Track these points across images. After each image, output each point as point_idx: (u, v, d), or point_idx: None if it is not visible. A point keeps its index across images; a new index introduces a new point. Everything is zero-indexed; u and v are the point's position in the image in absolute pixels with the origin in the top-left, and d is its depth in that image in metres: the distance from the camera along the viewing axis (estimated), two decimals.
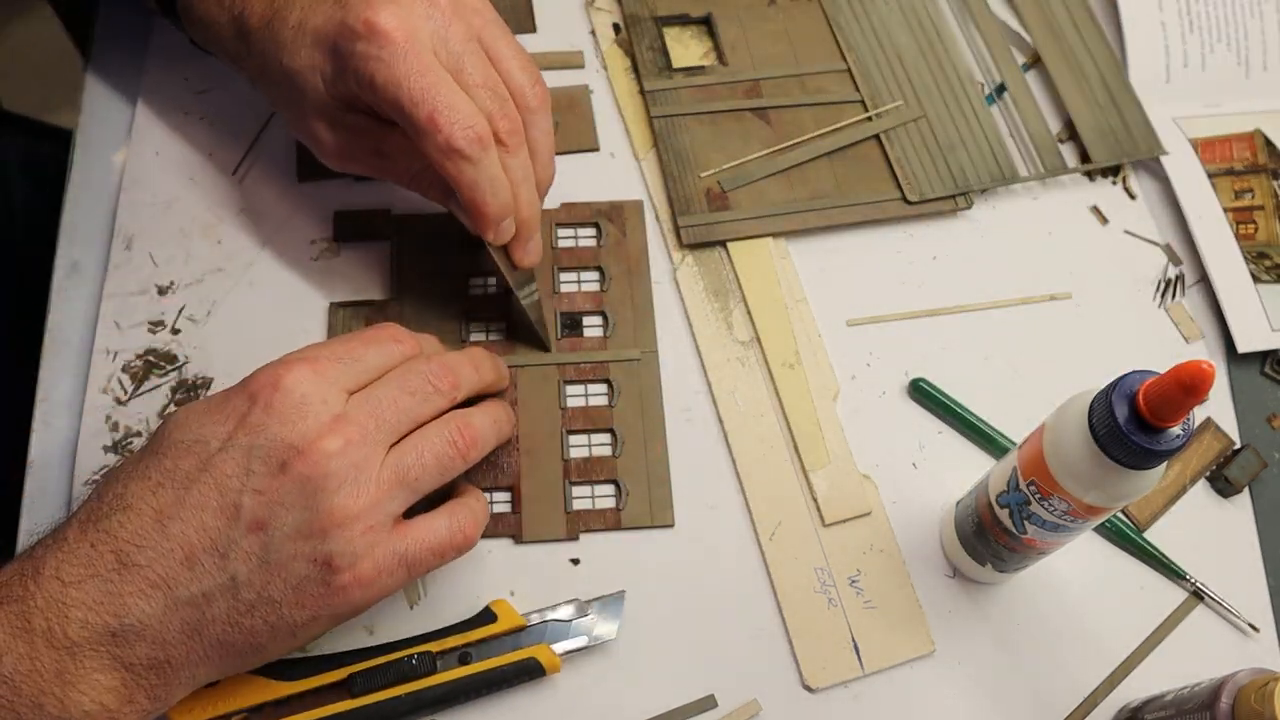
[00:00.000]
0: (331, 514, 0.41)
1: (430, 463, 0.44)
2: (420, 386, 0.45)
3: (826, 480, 0.55)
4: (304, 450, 0.41)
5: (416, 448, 0.44)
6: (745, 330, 0.58)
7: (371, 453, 0.43)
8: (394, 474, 0.43)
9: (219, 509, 0.41)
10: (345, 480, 0.41)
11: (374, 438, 0.43)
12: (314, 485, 0.41)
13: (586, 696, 0.50)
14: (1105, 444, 0.40)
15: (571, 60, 0.66)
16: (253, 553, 0.41)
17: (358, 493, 0.42)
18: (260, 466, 0.41)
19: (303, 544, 0.41)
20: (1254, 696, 0.42)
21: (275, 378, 0.42)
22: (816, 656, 0.51)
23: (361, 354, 0.45)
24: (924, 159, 0.63)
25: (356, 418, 0.43)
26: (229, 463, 0.41)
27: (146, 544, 0.40)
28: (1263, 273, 0.62)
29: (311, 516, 0.41)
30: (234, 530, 0.41)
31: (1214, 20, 0.69)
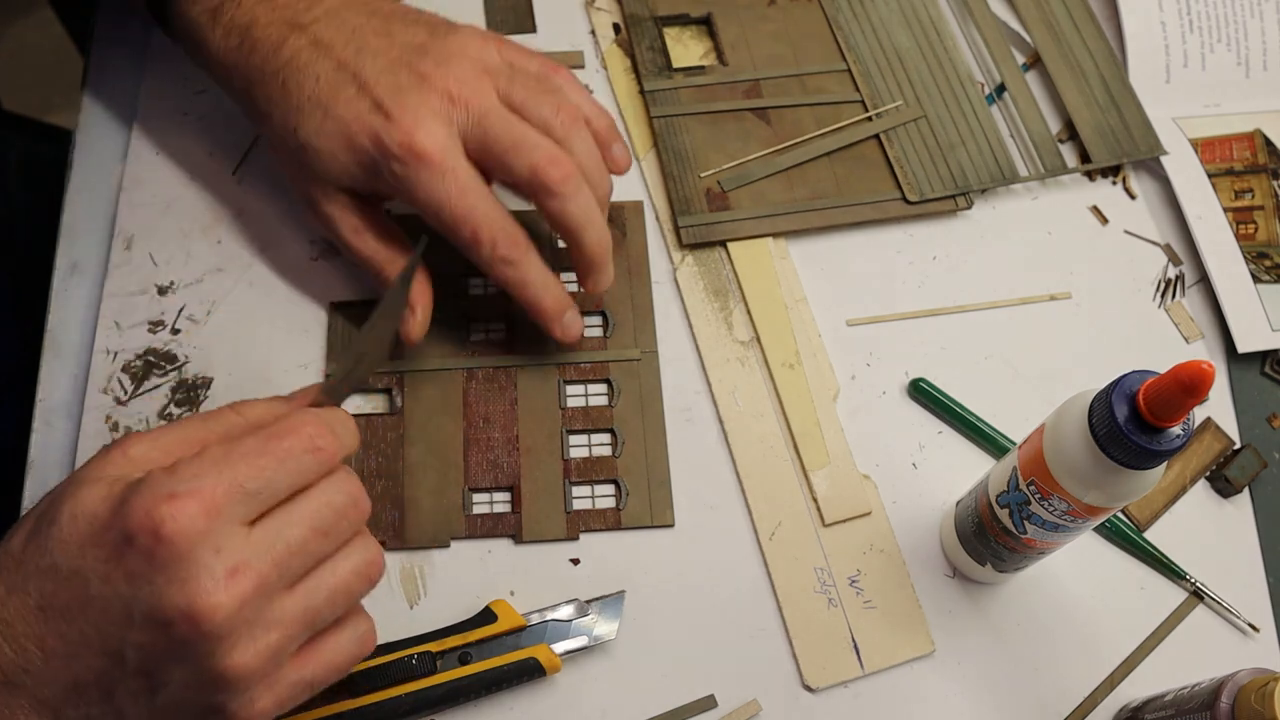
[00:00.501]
0: (224, 674, 0.37)
1: (341, 601, 0.40)
2: (334, 524, 0.40)
3: (826, 480, 0.55)
4: (191, 614, 0.36)
5: (329, 586, 0.40)
6: (745, 330, 0.58)
7: (272, 602, 0.38)
8: (300, 618, 0.39)
9: (101, 652, 0.37)
10: (241, 637, 0.37)
11: (275, 586, 0.38)
12: (205, 648, 0.37)
13: (586, 696, 0.50)
14: (1105, 444, 0.40)
15: (571, 60, 0.66)
16: (140, 693, 0.38)
17: (255, 648, 0.37)
18: (142, 621, 0.36)
19: (194, 694, 0.38)
20: (1254, 696, 0.42)
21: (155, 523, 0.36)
22: (816, 656, 0.51)
23: (271, 477, 0.38)
24: (924, 159, 0.63)
25: (257, 566, 0.37)
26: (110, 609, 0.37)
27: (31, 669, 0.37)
28: (1263, 273, 0.62)
29: (203, 674, 0.37)
30: (118, 672, 0.37)
31: (1214, 20, 0.69)
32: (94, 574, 0.37)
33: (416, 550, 0.52)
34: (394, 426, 0.54)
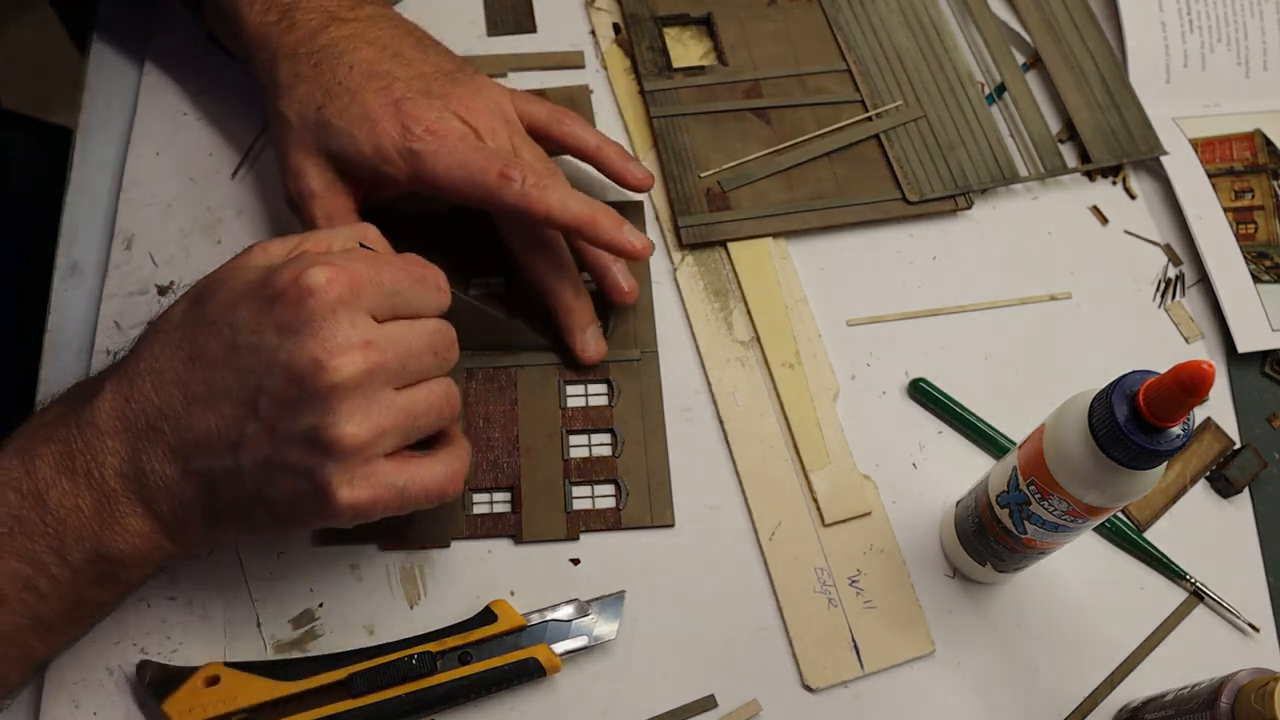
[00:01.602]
0: (339, 438, 0.41)
1: (434, 413, 0.45)
2: (444, 352, 0.45)
3: (826, 480, 0.55)
4: (325, 366, 0.41)
5: (427, 396, 0.44)
6: (745, 330, 0.58)
7: (385, 387, 0.42)
8: (403, 414, 0.43)
9: (238, 401, 0.41)
10: (357, 408, 0.41)
11: (392, 373, 0.43)
12: (327, 405, 0.41)
13: (586, 696, 0.50)
14: (1105, 444, 0.40)
15: (571, 60, 0.66)
16: (260, 450, 0.42)
17: (366, 422, 0.41)
18: (280, 371, 0.41)
19: (306, 456, 0.41)
20: (1254, 696, 0.42)
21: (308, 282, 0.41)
22: (816, 656, 0.51)
23: (407, 289, 0.44)
24: (924, 159, 0.63)
25: (385, 349, 0.42)
26: (253, 357, 0.41)
27: (170, 415, 0.42)
28: (1263, 273, 0.62)
29: (320, 432, 0.41)
30: (248, 425, 0.41)
31: (1214, 20, 0.69)
32: (245, 325, 0.42)
33: (417, 550, 0.52)
34: None
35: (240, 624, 0.50)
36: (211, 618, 0.50)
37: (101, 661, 0.48)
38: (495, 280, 0.58)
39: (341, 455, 0.41)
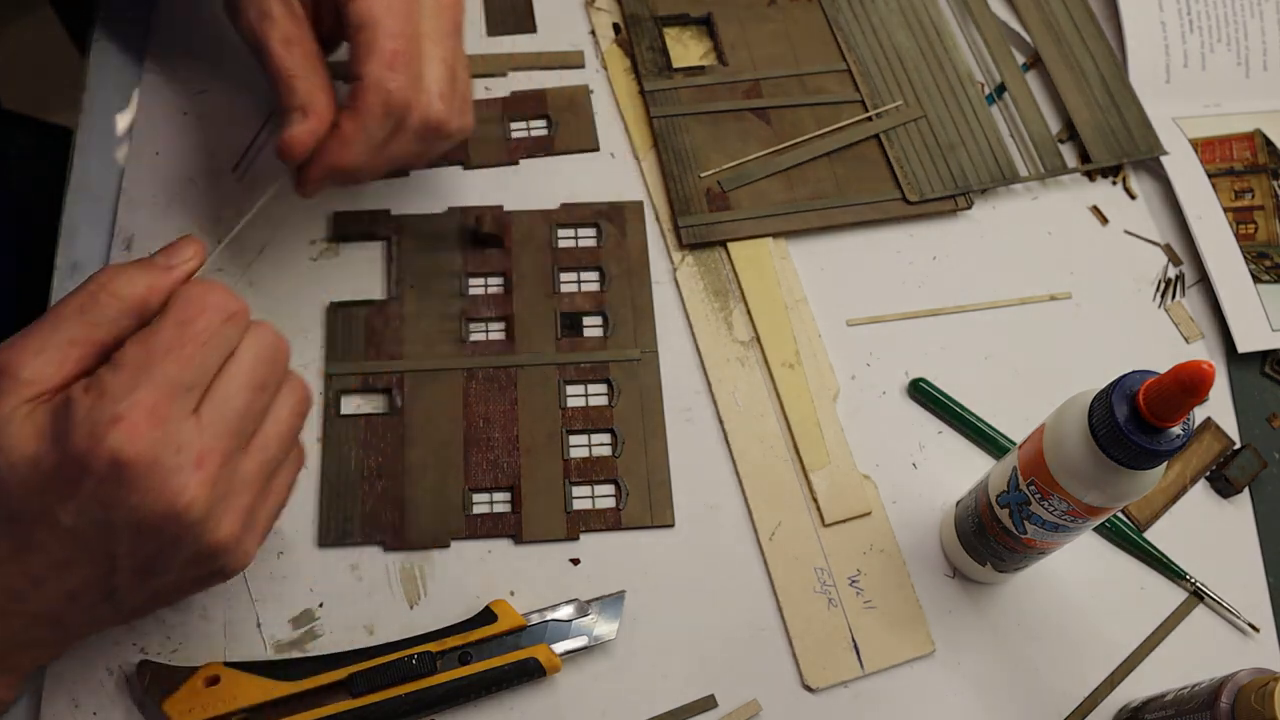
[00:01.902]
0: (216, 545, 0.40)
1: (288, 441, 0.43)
2: (267, 376, 0.41)
3: (826, 480, 0.55)
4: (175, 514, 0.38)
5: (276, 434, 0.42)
6: (745, 330, 0.58)
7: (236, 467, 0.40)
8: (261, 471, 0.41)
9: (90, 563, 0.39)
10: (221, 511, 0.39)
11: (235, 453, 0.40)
12: (194, 534, 0.39)
13: (586, 696, 0.50)
14: (1105, 444, 0.40)
15: (571, 60, 0.66)
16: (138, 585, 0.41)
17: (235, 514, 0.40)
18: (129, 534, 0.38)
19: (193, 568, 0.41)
20: (1254, 696, 0.42)
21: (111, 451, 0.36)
22: (816, 656, 0.51)
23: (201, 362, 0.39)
24: (924, 159, 0.63)
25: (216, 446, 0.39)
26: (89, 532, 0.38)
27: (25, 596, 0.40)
28: (1263, 273, 0.62)
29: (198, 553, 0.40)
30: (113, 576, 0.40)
31: (1214, 20, 0.69)
32: (62, 510, 0.37)
33: (416, 550, 0.52)
34: (394, 426, 0.54)
35: (240, 624, 0.50)
36: (211, 618, 0.50)
37: (101, 661, 0.48)
38: (495, 281, 0.58)
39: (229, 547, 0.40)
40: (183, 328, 0.39)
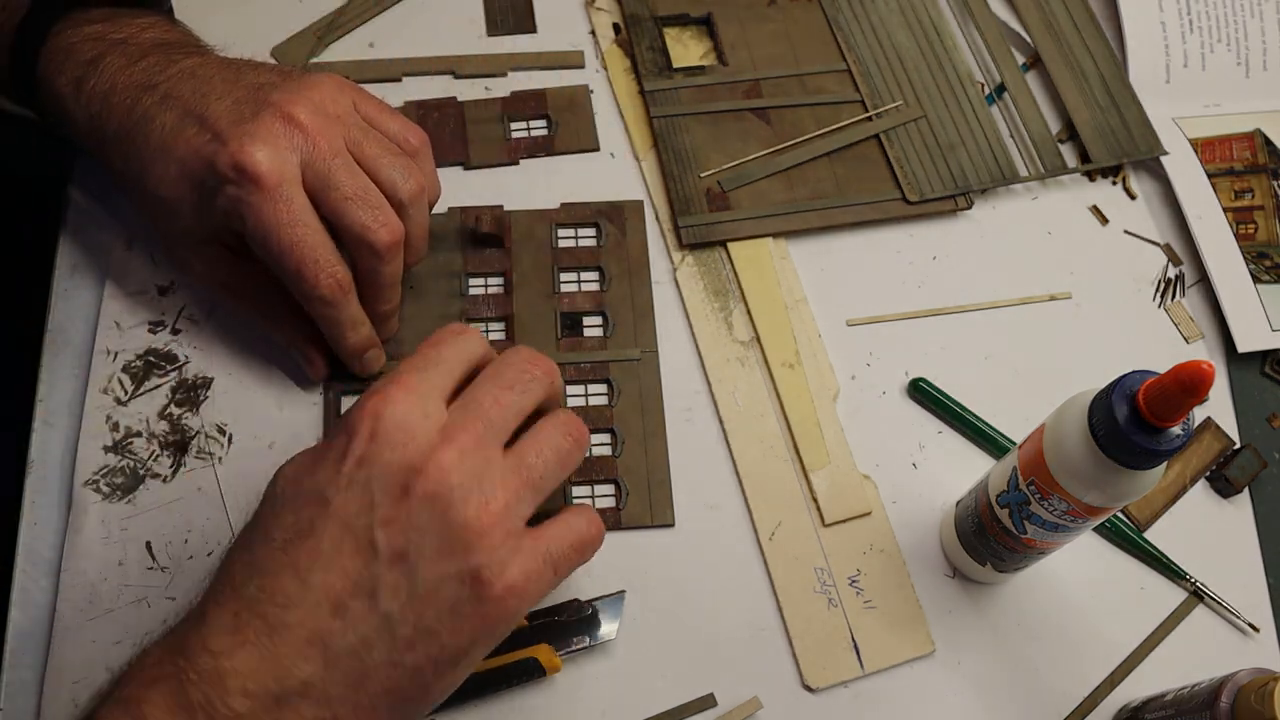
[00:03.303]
0: (467, 526, 0.39)
1: (551, 458, 0.43)
2: (516, 378, 0.43)
3: (826, 480, 0.55)
4: (422, 469, 0.39)
5: (535, 446, 0.43)
6: (745, 330, 0.58)
7: (489, 456, 0.41)
8: (517, 475, 0.42)
9: (355, 549, 0.39)
10: (471, 490, 0.40)
11: (487, 440, 0.41)
12: (442, 501, 0.39)
13: (586, 696, 0.50)
14: (1105, 444, 0.40)
15: (571, 60, 0.66)
16: (400, 585, 0.39)
17: (487, 500, 0.40)
18: (383, 496, 0.39)
19: (447, 564, 0.39)
20: (1254, 696, 0.42)
21: (371, 409, 0.40)
22: (816, 656, 0.51)
23: (437, 356, 0.43)
24: (924, 159, 0.63)
25: (464, 424, 0.41)
26: (351, 501, 0.39)
27: (291, 602, 0.38)
28: (1263, 273, 0.62)
29: (448, 533, 0.39)
30: (375, 566, 0.39)
31: (1214, 20, 0.69)
32: (328, 481, 0.40)
33: None
34: None
35: None
36: None
37: (102, 661, 0.48)
38: (495, 281, 0.58)
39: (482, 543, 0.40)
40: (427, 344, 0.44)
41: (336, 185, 0.48)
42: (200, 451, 0.53)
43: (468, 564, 0.39)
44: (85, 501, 0.51)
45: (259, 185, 0.46)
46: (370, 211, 0.49)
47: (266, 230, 0.47)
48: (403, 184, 0.50)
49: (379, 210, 0.49)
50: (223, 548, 0.51)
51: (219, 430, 0.53)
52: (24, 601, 0.50)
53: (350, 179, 0.49)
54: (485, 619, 0.40)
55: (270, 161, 0.47)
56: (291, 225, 0.47)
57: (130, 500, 0.51)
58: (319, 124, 0.48)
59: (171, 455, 0.53)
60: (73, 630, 0.49)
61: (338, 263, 0.49)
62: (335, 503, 0.39)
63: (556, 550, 0.42)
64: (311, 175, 0.48)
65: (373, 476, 0.39)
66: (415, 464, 0.39)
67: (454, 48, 0.65)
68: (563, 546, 0.42)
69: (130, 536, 0.51)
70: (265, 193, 0.47)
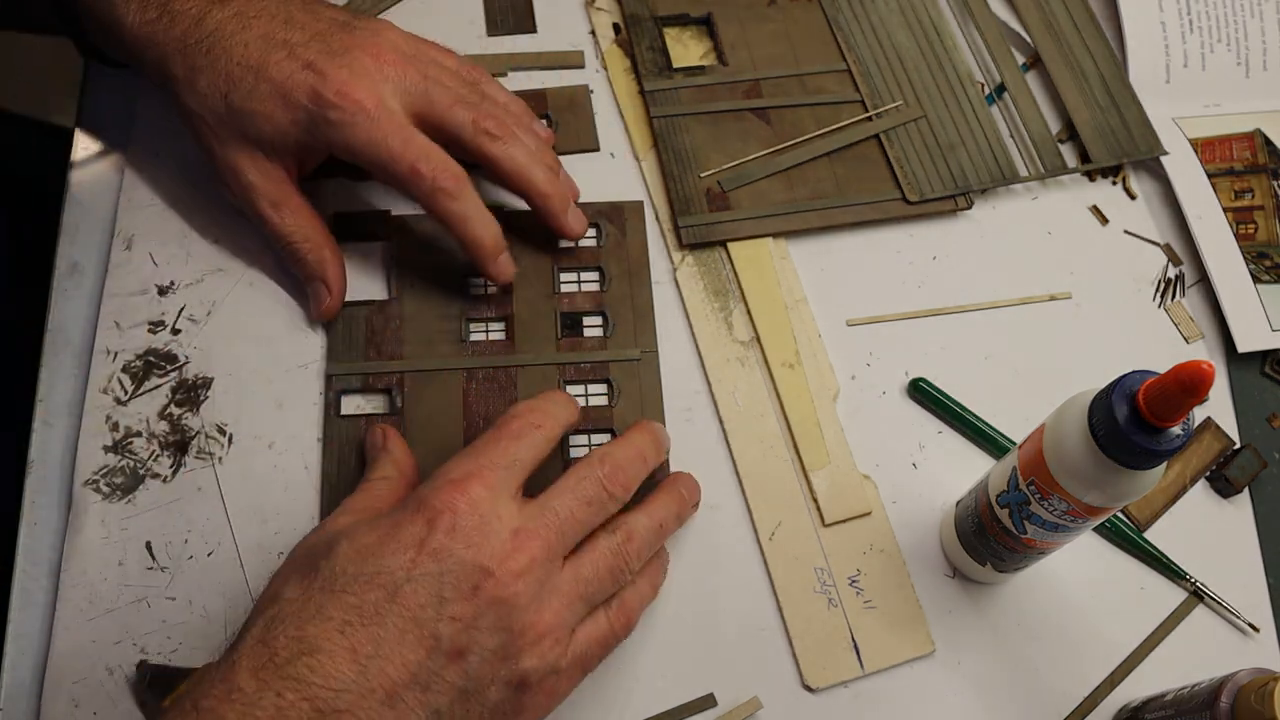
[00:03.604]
0: (524, 633, 0.41)
1: (605, 575, 0.45)
2: (596, 495, 0.45)
3: (826, 480, 0.55)
4: (493, 571, 0.40)
5: (593, 561, 0.44)
6: (745, 330, 0.58)
7: (554, 567, 0.43)
8: (574, 587, 0.43)
9: (417, 641, 0.39)
10: (534, 597, 0.41)
11: (555, 551, 0.43)
12: (508, 605, 0.41)
13: (586, 696, 0.50)
14: (1105, 444, 0.40)
15: (571, 60, 0.66)
16: (454, 683, 0.40)
17: (544, 608, 0.42)
18: (452, 593, 0.40)
19: (499, 667, 0.41)
20: (1254, 696, 0.42)
21: (451, 500, 0.41)
22: (816, 656, 0.51)
23: (514, 452, 0.45)
24: (924, 159, 0.63)
25: (538, 531, 0.42)
26: (420, 592, 0.40)
27: (345, 687, 0.37)
28: (1263, 273, 0.62)
29: (508, 638, 0.41)
30: (434, 661, 0.39)
31: (1214, 20, 0.69)
32: (398, 566, 0.40)
33: None
34: (394, 427, 0.54)
35: (240, 624, 0.49)
36: (211, 618, 0.50)
37: (101, 661, 0.48)
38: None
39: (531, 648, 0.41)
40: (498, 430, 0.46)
41: (436, 99, 0.52)
42: (200, 451, 0.53)
43: (518, 668, 0.41)
44: (85, 501, 0.51)
45: (363, 109, 0.50)
46: (474, 108, 0.53)
47: (376, 142, 0.51)
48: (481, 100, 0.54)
49: (479, 105, 0.53)
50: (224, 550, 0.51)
51: (219, 430, 0.53)
52: (24, 601, 0.50)
53: (444, 91, 0.53)
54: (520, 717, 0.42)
55: (370, 89, 0.51)
56: (398, 132, 0.51)
57: (130, 500, 0.51)
58: (402, 60, 0.52)
59: (171, 455, 0.53)
60: (73, 630, 0.49)
61: (447, 158, 0.52)
62: (404, 591, 0.40)
63: (587, 653, 0.44)
64: (412, 98, 0.52)
65: (445, 571, 0.40)
66: (487, 566, 0.41)
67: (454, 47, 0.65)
68: (593, 647, 0.45)
69: (130, 536, 0.51)
70: (369, 113, 0.50)
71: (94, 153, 0.61)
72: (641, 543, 0.46)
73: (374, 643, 0.38)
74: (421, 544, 0.40)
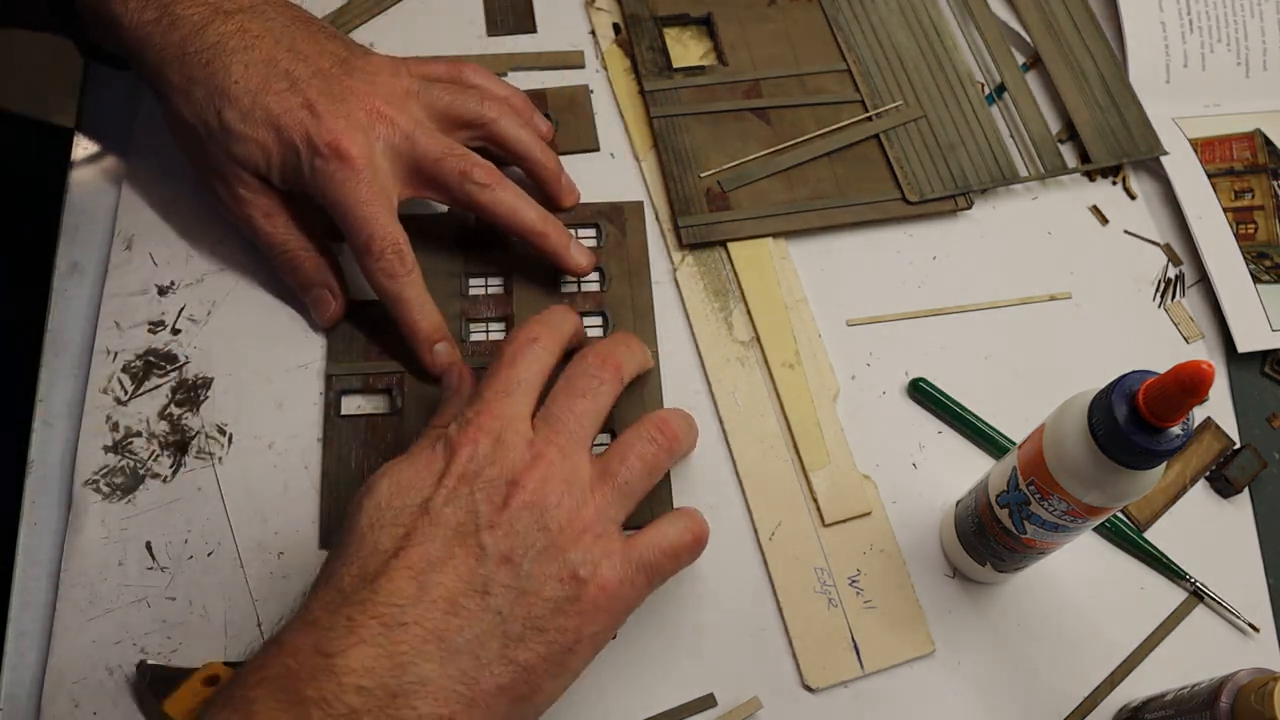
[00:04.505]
0: (563, 530, 0.43)
1: (636, 465, 0.46)
2: (586, 385, 0.47)
3: (826, 480, 0.55)
4: (519, 481, 0.43)
5: (619, 454, 0.46)
6: (745, 330, 0.58)
7: (576, 465, 0.45)
8: (605, 483, 0.45)
9: (465, 552, 0.42)
10: (563, 496, 0.44)
11: (570, 449, 0.45)
12: (539, 508, 0.43)
13: (587, 696, 0.50)
14: (1105, 444, 0.40)
15: (571, 60, 0.66)
16: (509, 584, 0.42)
17: (577, 505, 0.44)
18: (486, 506, 0.43)
19: (549, 564, 0.42)
20: (1254, 696, 0.42)
21: (471, 436, 0.44)
22: (816, 656, 0.51)
23: (517, 377, 0.47)
24: (924, 159, 0.63)
25: (549, 438, 0.45)
26: (458, 511, 0.43)
27: (408, 602, 0.40)
28: (1263, 273, 0.62)
29: (548, 538, 0.43)
30: (485, 567, 0.42)
31: (1214, 20, 0.69)
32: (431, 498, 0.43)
33: None
34: (394, 427, 0.54)
35: (240, 624, 0.50)
36: (211, 618, 0.50)
37: (101, 661, 0.48)
38: (495, 281, 0.58)
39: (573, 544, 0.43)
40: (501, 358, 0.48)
41: (425, 153, 0.53)
42: (200, 451, 0.53)
43: (566, 563, 0.43)
44: (85, 501, 0.51)
45: (348, 164, 0.51)
46: (461, 160, 0.53)
47: (349, 204, 0.51)
48: (480, 108, 0.56)
49: (465, 156, 0.54)
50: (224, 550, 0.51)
51: (219, 430, 0.53)
52: (24, 601, 0.50)
53: (434, 143, 0.53)
54: (584, 616, 0.43)
55: (362, 147, 0.51)
56: (370, 201, 0.51)
57: (130, 500, 0.51)
58: (395, 108, 0.53)
59: (171, 455, 0.53)
60: (73, 630, 0.49)
61: (402, 240, 0.52)
62: (444, 514, 0.42)
63: (649, 557, 0.45)
64: (401, 154, 0.53)
65: (475, 489, 0.43)
66: (511, 478, 0.43)
67: (454, 48, 0.65)
68: (654, 553, 0.45)
69: (130, 536, 0.51)
70: (352, 170, 0.51)
71: (94, 153, 0.61)
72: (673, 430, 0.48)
73: (426, 560, 0.41)
74: (446, 473, 0.43)
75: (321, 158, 0.51)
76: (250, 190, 0.53)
